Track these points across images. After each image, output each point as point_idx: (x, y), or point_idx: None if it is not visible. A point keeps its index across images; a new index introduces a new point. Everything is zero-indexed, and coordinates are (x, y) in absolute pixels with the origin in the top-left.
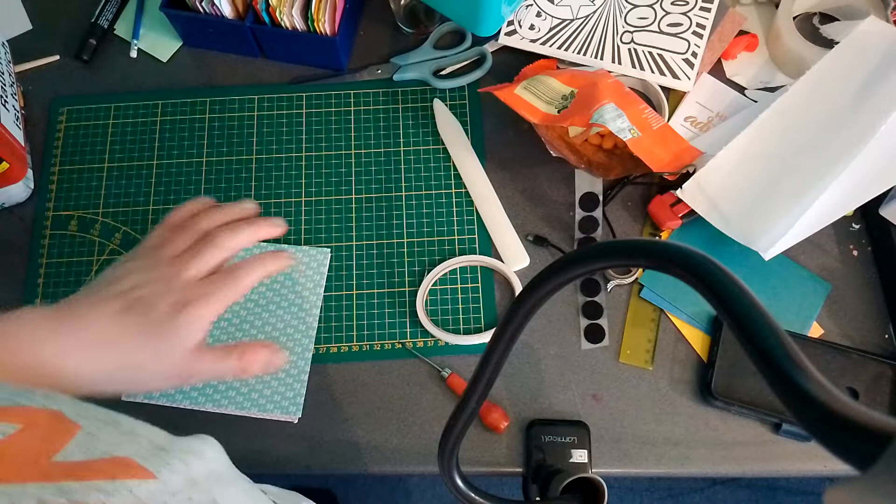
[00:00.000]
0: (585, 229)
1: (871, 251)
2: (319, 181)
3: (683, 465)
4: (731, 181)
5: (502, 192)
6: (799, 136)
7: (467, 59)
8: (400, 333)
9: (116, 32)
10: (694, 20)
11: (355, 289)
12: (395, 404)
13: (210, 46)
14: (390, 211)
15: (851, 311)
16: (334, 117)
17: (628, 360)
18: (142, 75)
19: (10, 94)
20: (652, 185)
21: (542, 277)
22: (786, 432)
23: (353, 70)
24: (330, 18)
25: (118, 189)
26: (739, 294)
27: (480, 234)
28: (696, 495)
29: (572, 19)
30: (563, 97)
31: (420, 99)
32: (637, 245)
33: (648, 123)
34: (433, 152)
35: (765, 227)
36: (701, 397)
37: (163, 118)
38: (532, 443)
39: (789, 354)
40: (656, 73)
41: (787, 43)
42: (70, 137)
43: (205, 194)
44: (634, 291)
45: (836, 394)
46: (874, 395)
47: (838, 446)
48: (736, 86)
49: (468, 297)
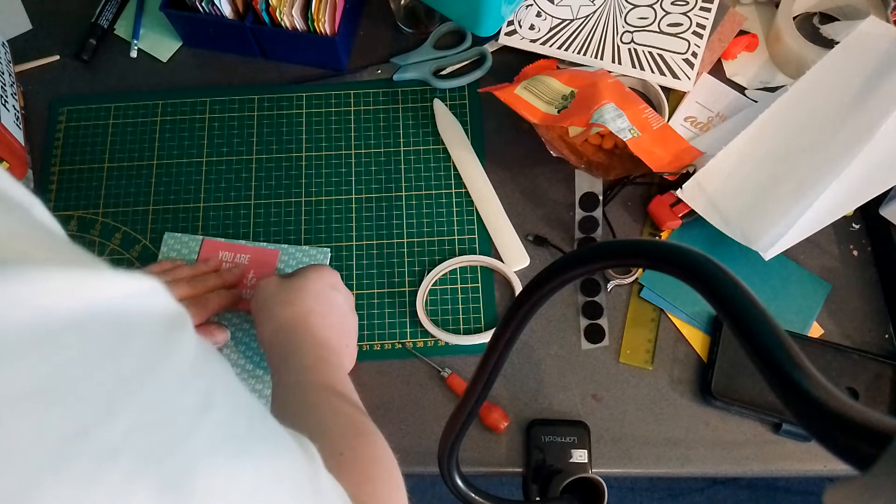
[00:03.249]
0: (585, 229)
1: (871, 251)
2: (319, 181)
3: (683, 465)
4: (731, 181)
5: (502, 192)
6: (799, 136)
7: (467, 59)
8: (400, 333)
9: (116, 32)
10: (694, 20)
11: (355, 289)
12: (395, 404)
13: (210, 46)
14: (390, 211)
15: (851, 311)
16: (334, 117)
17: (628, 360)
18: (142, 75)
19: (10, 94)
20: (652, 185)
21: (542, 277)
22: (786, 432)
23: (353, 70)
24: (330, 18)
25: (118, 189)
26: (739, 294)
27: (480, 234)
28: (696, 495)
29: (572, 19)
30: (563, 97)
31: (420, 99)
32: (637, 245)
33: (648, 123)
34: (433, 152)
35: (765, 227)
36: (701, 397)
37: (163, 118)
38: (532, 443)
39: (789, 354)
40: (656, 73)
41: (787, 43)
42: (70, 137)
43: (205, 194)
44: (634, 291)
45: (836, 394)
46: (874, 395)
47: (838, 446)
48: (736, 86)
49: (468, 297)
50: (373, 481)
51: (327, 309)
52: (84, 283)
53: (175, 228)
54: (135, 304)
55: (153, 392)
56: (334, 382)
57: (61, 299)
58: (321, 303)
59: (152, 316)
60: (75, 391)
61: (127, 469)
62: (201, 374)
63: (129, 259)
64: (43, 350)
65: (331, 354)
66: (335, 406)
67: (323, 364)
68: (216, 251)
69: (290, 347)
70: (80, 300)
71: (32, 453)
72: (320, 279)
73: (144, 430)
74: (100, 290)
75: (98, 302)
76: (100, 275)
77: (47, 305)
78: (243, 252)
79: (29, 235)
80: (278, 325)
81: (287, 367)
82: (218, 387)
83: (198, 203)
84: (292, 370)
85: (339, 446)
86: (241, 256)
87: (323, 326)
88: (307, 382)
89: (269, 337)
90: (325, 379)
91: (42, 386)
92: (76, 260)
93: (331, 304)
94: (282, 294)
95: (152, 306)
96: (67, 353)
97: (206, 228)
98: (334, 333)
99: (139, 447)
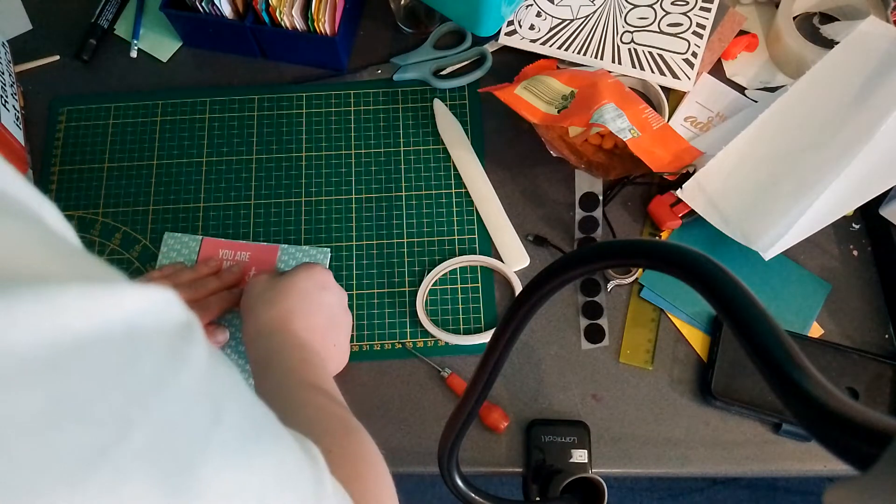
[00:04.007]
0: (585, 229)
1: (871, 251)
2: (319, 181)
3: (683, 465)
4: (731, 181)
5: (502, 192)
6: (799, 136)
7: (467, 59)
8: (400, 333)
9: (116, 32)
10: (694, 20)
11: (355, 289)
12: (395, 404)
13: (210, 46)
14: (390, 211)
15: (851, 311)
16: (334, 117)
17: (628, 360)
18: (142, 75)
19: (10, 94)
20: (652, 185)
21: (542, 277)
22: (786, 432)
23: (353, 70)
24: (330, 18)
25: (118, 189)
26: (739, 294)
27: (480, 234)
28: (696, 495)
29: (572, 19)
30: (563, 97)
31: (420, 99)
32: (637, 245)
33: (648, 123)
34: (433, 152)
35: (765, 227)
36: (701, 397)
37: (163, 118)
38: (532, 443)
39: (789, 354)
40: (656, 73)
41: (787, 43)
42: (70, 137)
43: (205, 194)
44: (634, 291)
45: (836, 394)
46: (874, 395)
47: (838, 446)
48: (736, 86)
49: (468, 297)
50: (362, 477)
51: (313, 309)
52: (97, 299)
53: (175, 228)
54: (148, 318)
55: (167, 408)
56: (318, 382)
57: (74, 318)
58: (306, 302)
59: (165, 329)
60: (90, 412)
61: (141, 485)
62: (212, 384)
63: (129, 259)
64: (56, 371)
65: (313, 356)
66: (321, 405)
67: (306, 365)
68: (216, 250)
69: (272, 348)
70: (93, 317)
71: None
72: (309, 278)
73: (158, 447)
74: (113, 306)
75: (111, 319)
76: (113, 290)
77: (60, 325)
78: (244, 250)
79: (39, 246)
80: (261, 326)
81: (270, 369)
82: (227, 395)
83: (198, 203)
84: (276, 371)
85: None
86: (242, 254)
87: (306, 328)
88: (291, 383)
89: (253, 336)
90: (310, 379)
91: (55, 409)
92: (90, 273)
93: (318, 304)
94: (268, 293)
95: (165, 319)
96: (81, 374)
97: (206, 228)
98: (317, 335)
99: (152, 463)
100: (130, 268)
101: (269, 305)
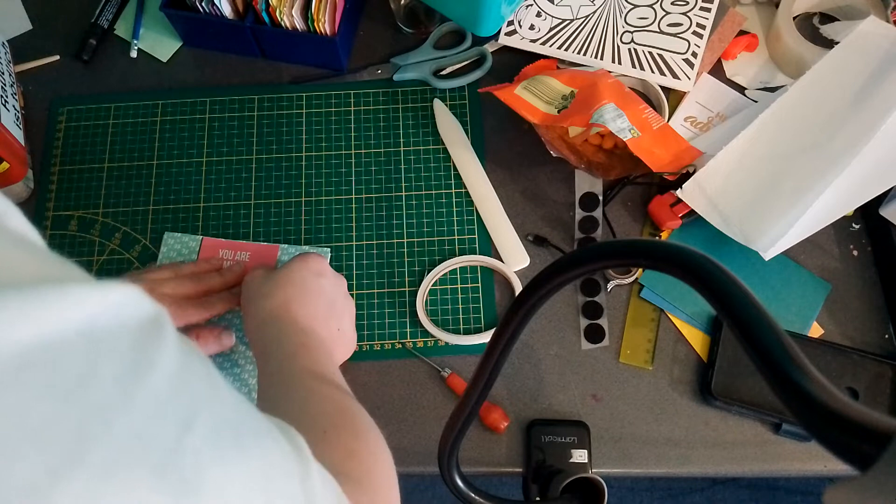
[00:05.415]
0: (585, 229)
1: (871, 251)
2: (319, 181)
3: (683, 465)
4: (731, 181)
5: (502, 192)
6: (799, 136)
7: (467, 59)
8: (400, 333)
9: (116, 32)
10: (694, 20)
11: (355, 289)
12: (395, 404)
13: (210, 46)
14: (390, 211)
15: (851, 311)
16: (334, 117)
17: (628, 360)
18: (142, 75)
19: (11, 94)
20: (652, 185)
21: (541, 278)
22: (786, 432)
23: (353, 70)
24: (330, 18)
25: (118, 189)
26: (739, 294)
27: (480, 234)
28: (696, 495)
29: (572, 19)
30: (563, 97)
31: (420, 99)
32: (637, 245)
33: (648, 123)
34: (433, 152)
35: (765, 227)
36: (701, 397)
37: (163, 118)
38: (532, 443)
39: (789, 354)
40: (656, 73)
41: (787, 43)
42: (70, 137)
43: (205, 194)
44: (634, 291)
45: (836, 394)
46: (874, 395)
47: (838, 446)
48: (736, 86)
49: (468, 297)
50: (357, 455)
51: (311, 297)
52: (47, 306)
53: (175, 228)
54: (106, 319)
55: (130, 421)
56: (317, 367)
57: (20, 328)
58: (303, 291)
59: (126, 330)
60: (41, 435)
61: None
62: (182, 388)
63: (129, 259)
64: (2, 389)
65: (313, 341)
66: (316, 388)
67: (305, 350)
68: (216, 250)
69: (271, 337)
70: (43, 326)
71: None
72: (304, 268)
73: (122, 462)
74: (65, 310)
75: (64, 325)
76: (64, 293)
77: (4, 338)
78: (244, 250)
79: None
80: (261, 319)
81: (269, 357)
82: (200, 397)
83: (198, 203)
84: (274, 359)
85: (321, 424)
86: (242, 254)
87: (305, 315)
88: (289, 369)
89: (254, 330)
90: (308, 364)
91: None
92: (45, 275)
93: (316, 290)
94: (265, 286)
95: (126, 318)
96: (31, 391)
97: (206, 228)
98: (318, 321)
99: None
100: (130, 268)
101: (268, 297)
